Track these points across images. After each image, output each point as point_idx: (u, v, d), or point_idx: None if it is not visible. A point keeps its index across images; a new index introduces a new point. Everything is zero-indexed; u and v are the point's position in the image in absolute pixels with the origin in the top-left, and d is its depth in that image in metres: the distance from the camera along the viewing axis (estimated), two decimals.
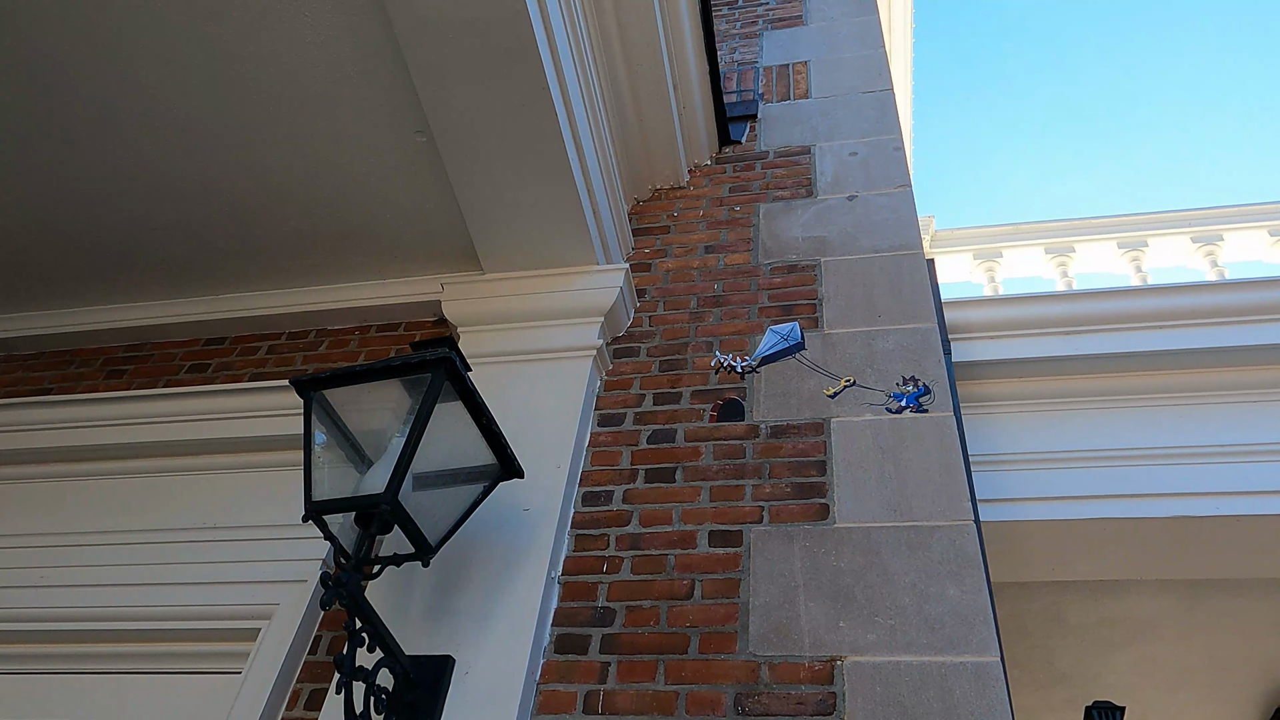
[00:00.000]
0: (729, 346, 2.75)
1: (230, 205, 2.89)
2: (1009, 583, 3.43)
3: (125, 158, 2.77)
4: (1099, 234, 4.59)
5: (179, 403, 2.87)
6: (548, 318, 2.78)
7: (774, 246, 3.05)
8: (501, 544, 2.25)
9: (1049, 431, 3.32)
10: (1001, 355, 3.43)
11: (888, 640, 1.96)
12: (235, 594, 2.40)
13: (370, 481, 1.86)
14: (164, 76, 2.54)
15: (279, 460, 2.64)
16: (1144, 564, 3.25)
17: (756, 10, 4.50)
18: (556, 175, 2.63)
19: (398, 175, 2.78)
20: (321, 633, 2.31)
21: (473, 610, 2.13)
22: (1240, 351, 3.28)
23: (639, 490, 2.42)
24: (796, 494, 2.31)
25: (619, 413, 2.64)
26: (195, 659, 2.40)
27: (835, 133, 3.48)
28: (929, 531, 2.15)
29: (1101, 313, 3.44)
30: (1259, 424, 3.17)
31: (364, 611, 1.80)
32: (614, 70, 3.18)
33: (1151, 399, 3.32)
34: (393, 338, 3.08)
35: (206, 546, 2.54)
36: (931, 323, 2.64)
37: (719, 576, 2.17)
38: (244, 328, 3.23)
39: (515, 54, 2.39)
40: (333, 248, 3.02)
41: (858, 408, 2.46)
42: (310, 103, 2.59)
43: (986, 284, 4.68)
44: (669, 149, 3.37)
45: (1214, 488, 3.00)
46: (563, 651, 2.11)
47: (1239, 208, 4.52)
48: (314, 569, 2.36)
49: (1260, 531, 3.00)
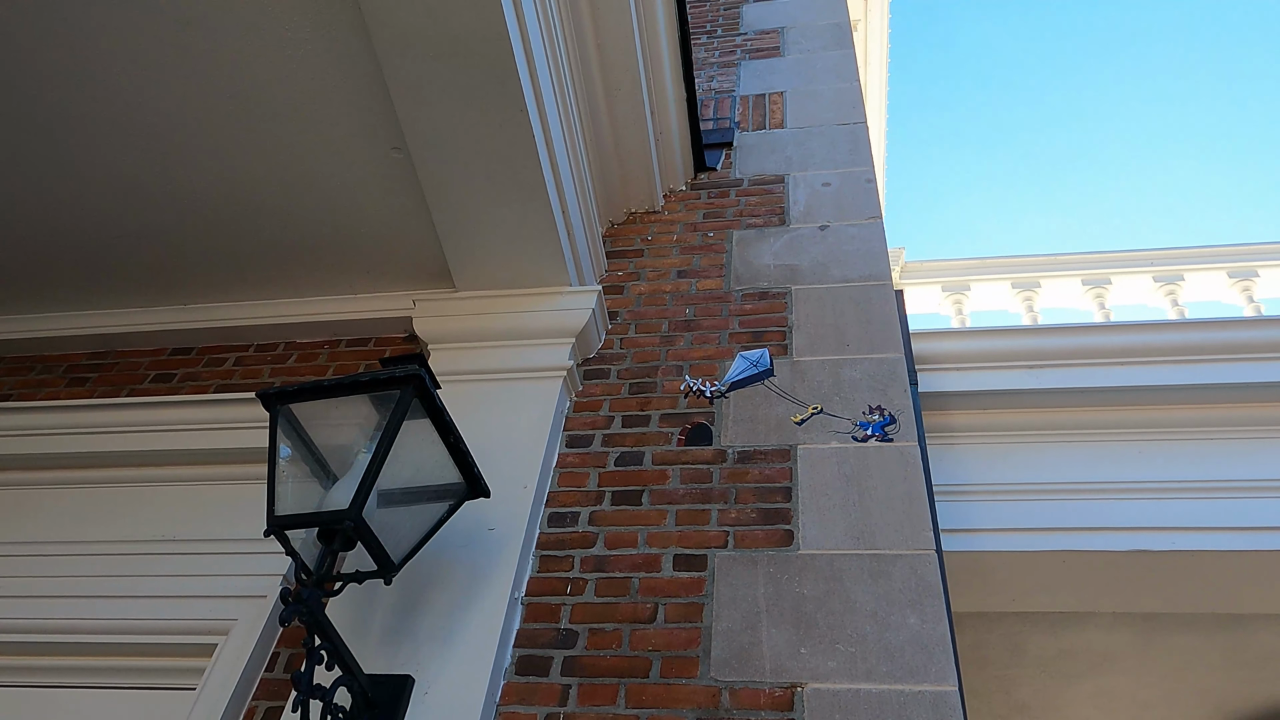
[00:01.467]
0: (699, 371, 2.76)
1: (202, 213, 2.87)
2: (970, 613, 3.45)
3: (95, 161, 2.74)
4: (1064, 270, 4.68)
5: (142, 412, 2.84)
6: (519, 337, 2.78)
7: (746, 273, 3.08)
8: (465, 563, 2.24)
9: (1012, 463, 3.36)
10: (967, 387, 3.48)
11: (848, 668, 1.97)
12: (193, 608, 2.36)
13: (335, 497, 1.85)
14: (138, 81, 2.52)
15: (243, 473, 2.61)
16: (1102, 597, 3.29)
17: (735, 40, 4.56)
18: (532, 196, 2.65)
19: (373, 190, 2.77)
20: (280, 649, 2.28)
21: (434, 630, 2.11)
22: (1198, 389, 3.34)
23: (605, 512, 2.42)
24: (762, 519, 2.32)
25: (587, 434, 2.65)
26: (149, 674, 2.35)
27: (809, 163, 3.53)
28: (891, 560, 2.16)
29: (1065, 348, 3.50)
30: (1216, 461, 3.23)
31: (324, 629, 1.78)
32: (592, 94, 3.21)
33: (1112, 434, 3.37)
34: (363, 353, 3.07)
35: (165, 559, 2.50)
36: (899, 353, 2.68)
37: (682, 601, 2.17)
38: (212, 338, 3.19)
39: (494, 74, 2.41)
40: (304, 260, 3.00)
41: (824, 435, 2.49)
42: (287, 114, 2.59)
43: (954, 316, 4.75)
44: (645, 173, 3.40)
45: (1170, 523, 3.05)
46: (524, 673, 2.09)
47: (1199, 249, 4.63)
48: (274, 584, 2.33)
49: (1214, 567, 3.05)
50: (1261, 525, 3.01)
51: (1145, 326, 3.62)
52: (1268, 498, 3.08)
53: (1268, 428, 3.29)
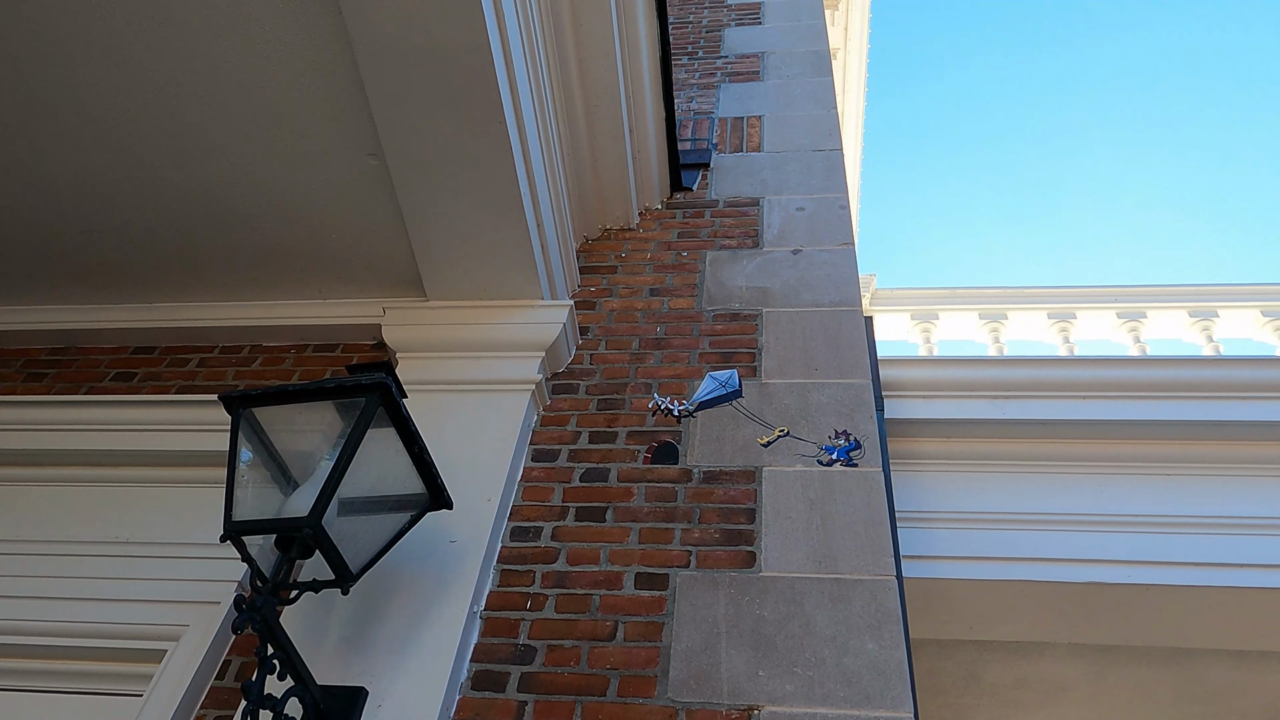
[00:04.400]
0: (667, 389, 2.77)
1: (169, 212, 2.83)
2: (928, 639, 3.47)
3: (61, 155, 2.68)
4: (1030, 304, 4.74)
5: (101, 411, 2.79)
6: (489, 349, 2.77)
7: (718, 294, 3.09)
8: (425, 575, 2.21)
9: (974, 492, 3.39)
10: (933, 415, 3.51)
11: (805, 691, 1.98)
12: (143, 612, 2.31)
13: (294, 504, 1.82)
14: (109, 75, 2.48)
15: (202, 476, 2.57)
16: (1058, 627, 3.32)
17: (716, 62, 4.60)
18: (507, 209, 2.64)
19: (347, 195, 2.75)
20: (231, 657, 2.24)
21: (391, 641, 2.09)
22: (1157, 425, 3.40)
23: (568, 528, 2.41)
24: (725, 540, 2.32)
25: (554, 449, 2.64)
26: (95, 679, 2.30)
27: (784, 187, 3.56)
28: (851, 585, 2.17)
29: (1029, 380, 3.55)
30: (1171, 496, 3.29)
31: (276, 637, 1.75)
32: (572, 110, 3.22)
33: (1073, 466, 3.42)
34: (330, 359, 3.04)
35: (117, 561, 2.45)
36: (866, 379, 2.70)
37: (642, 619, 2.17)
38: (176, 338, 3.14)
39: (474, 86, 2.41)
40: (274, 263, 2.97)
41: (789, 458, 2.50)
42: (262, 116, 2.56)
43: (922, 344, 4.80)
44: (621, 191, 3.42)
45: (1126, 556, 3.09)
46: (480, 688, 2.07)
47: (1162, 288, 4.72)
48: (229, 590, 2.29)
49: (1166, 601, 3.10)
50: (1212, 561, 3.06)
51: (1107, 362, 3.69)
52: (1219, 534, 3.14)
53: (1221, 465, 3.36)
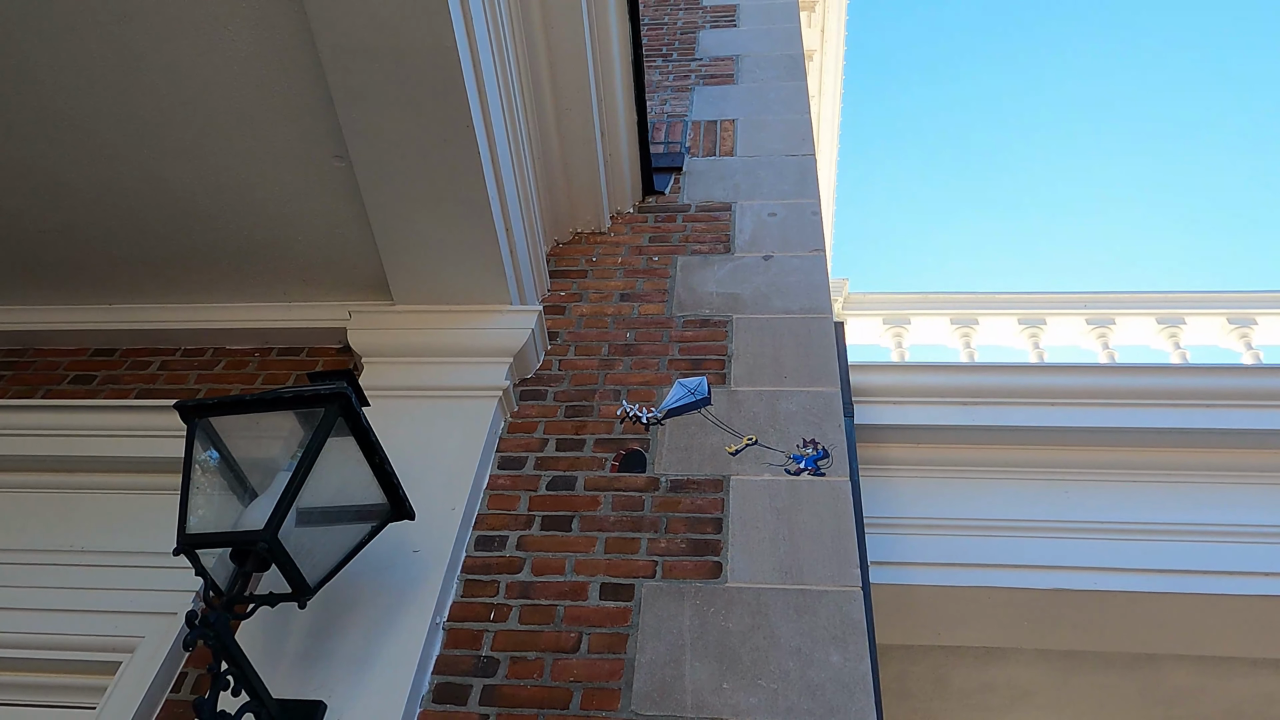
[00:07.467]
0: (636, 396, 2.74)
1: (129, 213, 2.77)
2: (896, 645, 3.47)
3: (15, 153, 2.62)
4: (1002, 309, 4.76)
5: (57, 415, 2.73)
6: (455, 354, 2.74)
7: (689, 299, 3.07)
8: (387, 586, 2.18)
9: (944, 498, 3.40)
10: (903, 421, 3.51)
11: (769, 704, 1.96)
12: (97, 623, 2.26)
13: (250, 516, 1.78)
14: (66, 73, 2.43)
15: (161, 483, 2.51)
16: (1024, 633, 3.33)
17: (690, 65, 4.58)
18: (475, 212, 2.61)
19: (312, 198, 2.71)
20: (188, 670, 2.20)
21: (351, 654, 2.05)
22: (1124, 433, 3.42)
23: (534, 537, 2.38)
24: (691, 550, 2.31)
25: (520, 456, 2.61)
26: (47, 691, 2.25)
27: (756, 192, 3.55)
28: (817, 596, 2.16)
29: (999, 386, 3.56)
30: (1136, 503, 3.31)
31: (231, 653, 1.72)
32: (543, 112, 3.19)
33: (1041, 473, 3.43)
34: (294, 362, 2.99)
35: (71, 570, 2.40)
36: (835, 387, 2.69)
37: (607, 631, 2.15)
38: (136, 340, 3.08)
39: (440, 87, 2.37)
40: (237, 265, 2.92)
41: (757, 467, 2.49)
42: (224, 116, 2.52)
43: (894, 349, 4.81)
44: (592, 194, 3.39)
45: (1091, 563, 3.11)
46: (441, 701, 2.05)
47: (1131, 294, 4.75)
48: (186, 601, 2.25)
49: (1131, 607, 3.11)
50: (1175, 569, 3.09)
51: (1076, 369, 3.71)
52: (1183, 541, 3.16)
53: (1186, 472, 3.38)
